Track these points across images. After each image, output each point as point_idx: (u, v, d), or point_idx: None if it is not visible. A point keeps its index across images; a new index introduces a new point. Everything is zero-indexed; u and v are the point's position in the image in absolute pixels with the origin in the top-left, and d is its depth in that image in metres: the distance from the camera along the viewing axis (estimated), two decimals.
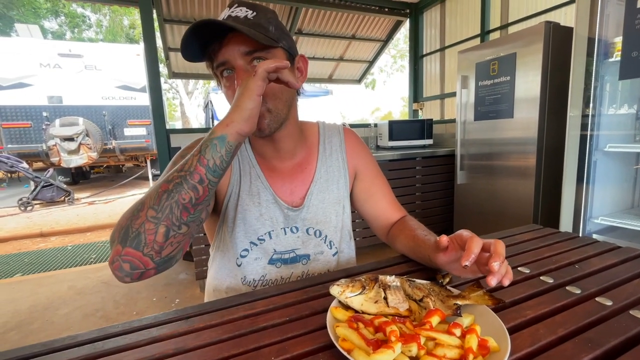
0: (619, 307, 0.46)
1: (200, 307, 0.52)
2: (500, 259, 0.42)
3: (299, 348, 0.40)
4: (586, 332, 0.41)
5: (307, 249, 0.72)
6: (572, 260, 0.62)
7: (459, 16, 3.28)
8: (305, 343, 0.41)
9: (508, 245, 0.72)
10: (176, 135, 2.78)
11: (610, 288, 0.52)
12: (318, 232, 0.73)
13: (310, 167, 0.74)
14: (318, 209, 0.73)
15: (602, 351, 0.38)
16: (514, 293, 0.51)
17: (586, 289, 0.52)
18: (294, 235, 0.71)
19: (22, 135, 5.42)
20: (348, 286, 0.47)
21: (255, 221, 0.68)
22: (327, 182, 0.74)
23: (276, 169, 0.71)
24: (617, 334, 0.40)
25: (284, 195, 0.71)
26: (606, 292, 0.51)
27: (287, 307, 0.51)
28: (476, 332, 0.37)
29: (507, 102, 2.06)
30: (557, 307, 0.47)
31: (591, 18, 1.33)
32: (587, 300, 0.49)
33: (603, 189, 1.49)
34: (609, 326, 0.42)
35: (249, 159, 0.71)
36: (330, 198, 0.74)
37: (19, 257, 3.20)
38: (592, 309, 0.46)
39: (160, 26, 3.25)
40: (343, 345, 0.36)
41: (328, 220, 0.73)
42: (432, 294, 0.45)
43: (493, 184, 2.23)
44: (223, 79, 0.60)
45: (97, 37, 12.18)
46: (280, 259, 0.71)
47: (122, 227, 0.46)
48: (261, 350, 0.41)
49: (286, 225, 0.70)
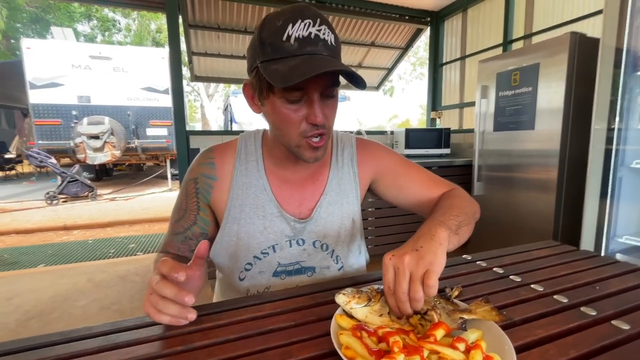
0: (637, 332, 0.45)
1: (209, 307, 0.53)
2: (391, 298, 0.44)
3: (303, 353, 0.41)
4: (599, 356, 0.40)
5: (312, 262, 0.70)
6: (589, 280, 0.60)
7: (481, 25, 3.24)
8: (309, 348, 0.42)
9: (523, 261, 0.71)
10: (195, 137, 2.86)
11: (628, 311, 0.50)
12: (325, 246, 0.71)
13: (322, 178, 0.72)
14: (327, 222, 0.70)
15: None
16: (525, 311, 0.50)
17: (602, 310, 0.50)
18: (299, 247, 0.69)
19: (53, 132, 5.69)
20: (354, 297, 0.47)
21: (259, 235, 0.67)
22: (339, 195, 0.72)
23: (287, 180, 0.70)
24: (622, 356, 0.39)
25: (291, 207, 0.69)
26: (624, 316, 0.49)
27: (294, 312, 0.51)
28: (481, 348, 0.36)
29: (528, 113, 2.01)
30: (570, 328, 0.46)
31: (619, 29, 1.29)
32: (602, 322, 0.47)
33: (629, 207, 1.43)
34: (624, 350, 0.41)
35: (257, 170, 0.69)
36: (340, 212, 0.71)
37: (43, 249, 3.34)
38: (607, 333, 0.45)
39: (185, 31, 3.36)
40: (346, 353, 0.37)
41: (336, 235, 0.71)
42: (437, 307, 0.45)
43: (511, 197, 2.17)
44: (284, 100, 0.56)
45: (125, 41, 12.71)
46: (284, 271, 0.69)
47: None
48: (266, 352, 0.42)
49: (292, 237, 0.69)
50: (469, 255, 0.74)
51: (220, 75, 4.32)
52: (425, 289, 0.41)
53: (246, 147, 0.71)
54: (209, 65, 4.05)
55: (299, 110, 0.57)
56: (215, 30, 3.45)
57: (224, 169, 0.68)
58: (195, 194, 0.68)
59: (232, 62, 4.01)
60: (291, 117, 0.57)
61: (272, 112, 0.60)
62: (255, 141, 0.71)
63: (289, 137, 0.60)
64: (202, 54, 3.80)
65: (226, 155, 0.70)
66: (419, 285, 0.41)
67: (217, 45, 3.71)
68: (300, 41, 0.52)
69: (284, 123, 0.59)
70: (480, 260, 0.71)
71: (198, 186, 0.68)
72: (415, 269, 0.42)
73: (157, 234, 3.83)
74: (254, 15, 3.35)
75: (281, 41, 0.52)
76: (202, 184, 0.68)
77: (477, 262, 0.70)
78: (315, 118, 0.56)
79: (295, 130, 0.58)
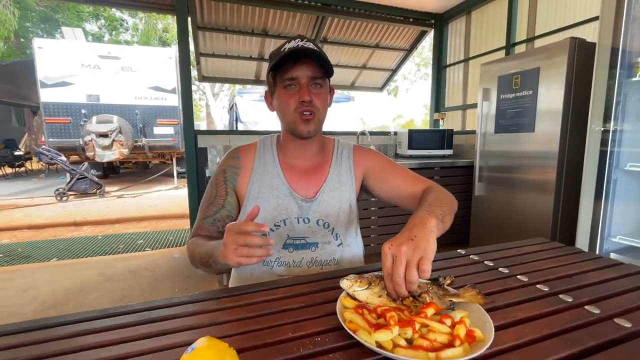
0: (606, 315, 0.51)
1: (229, 290, 0.60)
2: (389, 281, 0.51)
3: (312, 328, 0.48)
4: (568, 334, 0.46)
5: (316, 237, 0.84)
6: (570, 273, 0.66)
7: (484, 28, 3.28)
8: (318, 324, 0.49)
9: (513, 256, 0.77)
10: (203, 136, 2.93)
11: (601, 299, 0.56)
12: (327, 224, 0.84)
13: (324, 169, 0.88)
14: (328, 204, 0.85)
15: (579, 350, 0.42)
16: (508, 297, 0.56)
17: (578, 297, 0.56)
18: (305, 225, 0.83)
19: (62, 130, 5.81)
20: (357, 281, 0.53)
21: (273, 210, 0.82)
22: (338, 184, 0.87)
23: (296, 168, 0.86)
24: (597, 337, 0.45)
25: (299, 189, 0.85)
26: (597, 302, 0.55)
27: (303, 295, 0.58)
28: (465, 324, 0.43)
29: (528, 115, 2.06)
30: (547, 312, 0.52)
31: (615, 35, 1.33)
32: (577, 307, 0.53)
33: (623, 208, 1.47)
34: (591, 330, 0.47)
35: (273, 161, 0.86)
36: (339, 197, 0.86)
37: (54, 244, 3.45)
38: (580, 315, 0.51)
39: (194, 32, 3.44)
40: (350, 326, 0.43)
41: (336, 215, 0.85)
42: (430, 292, 0.51)
43: (511, 197, 2.22)
44: (283, 88, 0.77)
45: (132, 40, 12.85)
46: (292, 244, 0.83)
47: (190, 257, 0.79)
48: (281, 327, 0.48)
49: (299, 215, 0.83)
50: (463, 250, 0.80)
51: (227, 76, 4.40)
52: (420, 273, 0.48)
53: (264, 145, 0.90)
54: (216, 65, 4.13)
55: (294, 95, 0.77)
56: (222, 32, 3.52)
57: (247, 161, 0.87)
58: (224, 182, 0.85)
59: (238, 62, 4.08)
60: (288, 100, 0.77)
61: (278, 102, 0.80)
62: (271, 141, 0.91)
63: (287, 114, 0.78)
64: (209, 55, 3.88)
65: (249, 152, 0.89)
66: (414, 270, 0.48)
67: (225, 46, 3.79)
68: (291, 49, 0.73)
69: (284, 104, 0.78)
70: (473, 255, 0.77)
71: (226, 175, 0.86)
72: (411, 257, 0.49)
73: (164, 231, 3.91)
74: (260, 18, 3.42)
75: (279, 51, 0.76)
76: (230, 173, 0.86)
77: (470, 256, 0.77)
78: (303, 96, 0.75)
79: (291, 108, 0.77)
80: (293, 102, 0.76)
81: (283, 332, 0.47)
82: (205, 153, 2.95)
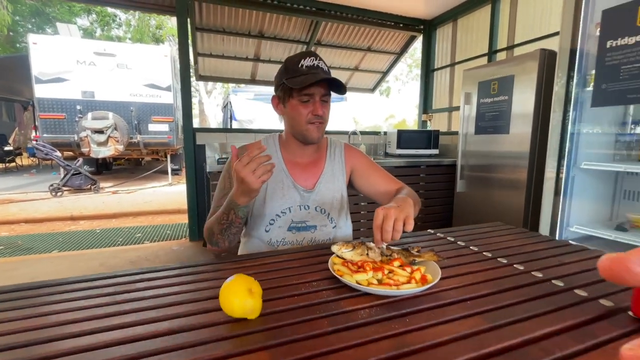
0: (526, 270, 0.68)
1: (246, 255, 0.76)
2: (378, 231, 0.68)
3: (310, 277, 0.64)
4: (496, 280, 0.63)
5: (314, 221, 1.00)
6: (512, 245, 0.84)
7: (469, 34, 3.49)
8: (314, 275, 0.65)
9: (471, 234, 0.94)
10: (201, 134, 3.07)
11: (527, 260, 0.74)
12: (323, 210, 1.01)
13: (320, 164, 1.05)
14: (324, 194, 1.01)
15: (499, 289, 0.60)
16: (459, 260, 0.74)
17: (511, 261, 0.74)
18: (306, 211, 1.00)
19: (57, 126, 5.84)
20: (344, 245, 0.70)
21: (279, 199, 0.98)
22: (332, 177, 1.04)
23: (298, 164, 1.02)
24: (514, 282, 0.62)
25: (300, 181, 1.00)
26: (523, 263, 0.72)
27: (304, 259, 0.74)
28: (420, 270, 0.60)
29: (504, 119, 2.26)
30: (485, 269, 0.69)
31: (572, 50, 1.53)
32: (507, 266, 0.71)
33: (581, 202, 1.68)
34: (512, 278, 0.64)
35: (278, 158, 1.01)
36: (333, 188, 1.03)
37: (53, 237, 3.53)
38: (508, 271, 0.68)
39: (192, 33, 3.56)
40: (337, 272, 0.60)
41: (330, 203, 1.02)
42: (399, 254, 0.68)
43: (489, 194, 2.43)
44: (300, 102, 0.91)
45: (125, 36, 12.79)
46: (295, 227, 0.99)
47: (207, 236, 0.90)
48: (286, 277, 0.65)
49: (301, 203, 0.99)
50: (432, 230, 0.98)
51: (224, 75, 4.52)
52: (406, 226, 0.67)
53: (268, 143, 1.04)
54: (213, 65, 4.25)
55: (307, 107, 0.92)
56: (220, 33, 3.65)
57: None
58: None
59: (235, 63, 4.22)
60: (303, 112, 0.93)
61: (291, 111, 0.94)
62: (273, 140, 1.06)
63: (300, 124, 0.94)
64: (207, 55, 4.00)
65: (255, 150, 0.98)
66: (401, 222, 0.66)
67: (222, 47, 3.92)
68: (308, 67, 0.90)
69: (299, 116, 0.93)
70: (440, 233, 0.95)
71: None
72: (398, 215, 0.67)
73: (162, 225, 4.03)
74: (257, 21, 3.56)
75: (297, 67, 0.90)
76: None
77: (436, 234, 0.94)
78: (317, 111, 0.92)
79: (304, 119, 0.93)
80: (306, 114, 0.92)
81: (289, 280, 0.63)
82: (204, 150, 3.09)
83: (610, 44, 1.33)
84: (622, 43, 1.29)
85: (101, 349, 0.43)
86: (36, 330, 0.47)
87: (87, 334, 0.46)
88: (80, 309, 0.53)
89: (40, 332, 0.47)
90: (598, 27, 1.41)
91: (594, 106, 1.41)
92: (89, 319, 0.50)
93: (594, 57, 1.44)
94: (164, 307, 0.54)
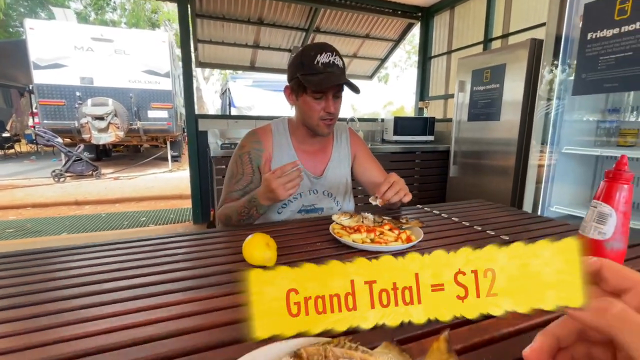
0: (495, 235, 0.81)
1: (260, 224, 0.88)
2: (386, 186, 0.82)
3: (315, 240, 0.77)
4: (467, 242, 0.76)
5: (322, 204, 1.09)
6: (489, 216, 0.97)
7: (466, 22, 3.54)
8: (318, 238, 0.78)
9: (455, 208, 1.07)
10: (203, 120, 3.15)
11: (497, 227, 0.86)
12: (330, 194, 1.09)
13: (328, 150, 1.11)
14: (332, 179, 1.09)
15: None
16: (441, 228, 0.86)
17: (485, 228, 0.86)
18: (314, 195, 1.08)
19: (57, 112, 5.86)
20: (342, 214, 0.82)
21: None
22: (339, 163, 1.11)
23: (307, 151, 1.08)
24: (480, 244, 0.75)
25: (309, 167, 1.06)
26: (494, 229, 0.85)
27: (308, 227, 0.87)
28: (407, 233, 0.72)
29: (495, 106, 2.36)
30: (462, 233, 0.82)
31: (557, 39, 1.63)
32: (481, 232, 0.83)
33: (563, 184, 1.81)
34: (482, 241, 0.77)
35: (288, 145, 1.06)
36: (340, 173, 1.11)
37: (60, 220, 3.65)
38: (480, 235, 0.81)
39: (192, 19, 3.59)
40: (337, 234, 0.72)
41: (337, 187, 1.10)
42: (390, 221, 0.80)
43: (480, 178, 2.55)
44: (314, 98, 0.95)
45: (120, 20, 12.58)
46: (305, 209, 1.07)
47: (223, 221, 0.96)
48: (293, 240, 0.77)
49: (310, 188, 1.07)
50: (420, 205, 1.10)
51: (224, 62, 4.56)
52: (405, 197, 0.84)
53: (278, 129, 1.08)
54: (212, 52, 4.28)
55: (320, 104, 0.96)
56: (220, 19, 3.68)
57: (267, 144, 1.05)
58: (249, 161, 1.02)
59: (234, 49, 4.25)
60: (316, 108, 0.96)
61: (304, 105, 0.98)
62: (283, 125, 1.09)
63: (312, 120, 0.98)
64: (207, 42, 4.03)
65: (266, 135, 1.06)
66: (403, 193, 0.82)
67: (222, 33, 3.95)
68: (324, 64, 0.91)
69: (311, 111, 0.97)
70: (427, 207, 1.07)
71: (251, 156, 1.03)
72: (404, 187, 0.83)
73: (165, 209, 4.15)
74: (256, 7, 3.59)
75: (313, 64, 0.91)
76: (254, 154, 1.03)
77: (424, 208, 1.07)
78: (330, 109, 0.96)
79: (317, 115, 0.97)
80: (319, 111, 0.96)
81: (297, 242, 0.76)
82: (206, 136, 3.17)
83: (591, 36, 1.43)
84: (601, 35, 1.39)
85: (151, 285, 0.55)
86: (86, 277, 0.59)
87: (138, 277, 0.59)
88: (128, 262, 0.65)
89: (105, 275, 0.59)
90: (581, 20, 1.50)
91: (575, 94, 1.52)
92: (140, 267, 0.62)
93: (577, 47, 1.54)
94: (198, 260, 0.66)
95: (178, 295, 0.52)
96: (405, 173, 3.04)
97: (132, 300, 0.50)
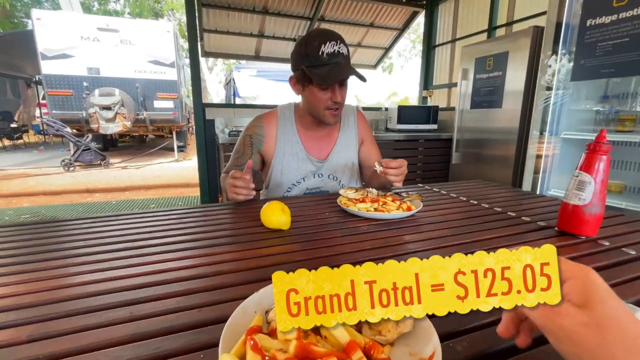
0: (489, 207, 0.88)
1: (272, 198, 0.96)
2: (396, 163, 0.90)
3: (323, 210, 0.84)
4: (462, 212, 0.83)
5: (327, 187, 1.13)
6: (487, 193, 1.04)
7: (470, 10, 3.54)
8: (327, 210, 0.85)
9: (456, 186, 1.14)
10: (210, 109, 3.22)
11: (492, 202, 0.93)
12: (335, 178, 1.13)
13: (334, 135, 1.12)
14: (337, 163, 1.11)
15: (463, 217, 0.80)
16: (442, 205, 0.93)
17: (485, 202, 0.93)
18: (319, 179, 1.11)
19: (65, 102, 5.96)
20: (348, 189, 0.90)
21: (294, 170, 1.08)
22: (345, 147, 1.13)
23: (312, 137, 1.10)
24: (474, 214, 0.82)
25: (314, 152, 1.09)
26: (489, 203, 0.92)
27: (317, 201, 0.94)
28: (407, 204, 0.80)
29: (497, 94, 2.40)
30: (460, 207, 0.89)
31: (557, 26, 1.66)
32: (478, 206, 0.91)
33: (558, 167, 1.86)
34: (476, 212, 0.84)
35: (292, 130, 1.09)
36: (346, 157, 1.12)
37: (73, 207, 3.77)
38: (475, 208, 0.88)
39: (198, 9, 3.62)
40: (345, 204, 0.80)
41: (342, 171, 1.12)
42: (392, 194, 0.88)
43: (481, 166, 2.61)
44: (320, 89, 0.95)
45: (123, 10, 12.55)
46: (310, 192, 1.11)
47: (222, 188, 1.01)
48: (304, 211, 0.85)
49: (315, 172, 1.10)
50: (421, 184, 1.17)
51: (229, 51, 4.59)
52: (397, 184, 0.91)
53: (284, 115, 1.11)
54: (218, 41, 4.32)
55: (326, 94, 0.96)
56: (225, 9, 3.71)
57: (270, 130, 1.08)
58: (250, 144, 1.09)
59: (239, 39, 4.28)
60: (322, 98, 0.97)
61: (310, 95, 0.99)
62: (289, 111, 1.11)
63: (318, 109, 0.99)
64: (212, 31, 4.07)
65: (271, 121, 1.10)
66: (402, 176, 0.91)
67: (227, 23, 3.98)
68: (329, 55, 0.91)
69: (317, 101, 0.98)
70: (427, 185, 1.15)
71: (253, 140, 1.09)
72: (405, 171, 0.91)
73: (173, 197, 4.25)
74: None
75: (318, 55, 0.91)
76: (256, 139, 1.08)
77: (424, 186, 1.14)
78: (336, 98, 0.96)
79: (323, 105, 0.98)
80: (325, 101, 0.96)
81: (307, 211, 0.83)
82: (213, 124, 3.25)
83: (590, 23, 1.47)
84: (600, 22, 1.43)
85: (188, 242, 0.64)
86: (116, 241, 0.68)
87: (171, 237, 0.67)
88: (153, 228, 0.74)
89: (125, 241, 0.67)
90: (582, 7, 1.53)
91: (573, 80, 1.56)
92: (171, 229, 0.70)
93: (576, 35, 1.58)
94: (221, 224, 0.74)
95: (215, 249, 0.60)
96: (409, 161, 3.03)
97: (170, 252, 0.59)
